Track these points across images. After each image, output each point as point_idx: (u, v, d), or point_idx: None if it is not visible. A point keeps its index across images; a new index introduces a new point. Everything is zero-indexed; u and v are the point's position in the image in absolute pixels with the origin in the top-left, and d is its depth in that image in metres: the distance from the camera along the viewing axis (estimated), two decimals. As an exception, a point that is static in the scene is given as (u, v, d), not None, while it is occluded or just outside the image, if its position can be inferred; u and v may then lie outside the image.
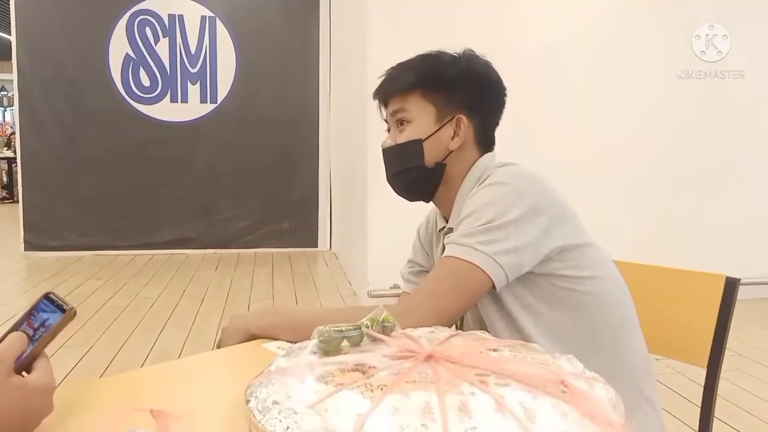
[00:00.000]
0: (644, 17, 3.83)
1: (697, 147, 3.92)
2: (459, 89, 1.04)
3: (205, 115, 5.46)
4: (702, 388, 1.07)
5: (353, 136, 4.13)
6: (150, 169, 5.39)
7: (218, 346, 1.00)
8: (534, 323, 0.96)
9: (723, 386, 1.06)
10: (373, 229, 3.58)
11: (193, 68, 5.40)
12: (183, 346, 2.95)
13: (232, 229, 5.57)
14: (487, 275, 0.90)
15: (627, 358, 0.99)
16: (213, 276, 4.58)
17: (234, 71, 5.45)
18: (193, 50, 5.39)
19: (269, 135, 5.53)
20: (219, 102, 5.47)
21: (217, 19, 5.39)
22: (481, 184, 1.00)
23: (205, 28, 5.38)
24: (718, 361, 1.03)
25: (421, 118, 1.05)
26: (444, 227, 1.09)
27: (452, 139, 1.05)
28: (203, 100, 5.45)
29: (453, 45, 1.10)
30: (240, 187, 5.56)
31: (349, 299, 3.95)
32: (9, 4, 5.11)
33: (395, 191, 1.11)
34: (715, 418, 1.07)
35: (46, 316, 0.62)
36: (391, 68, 1.09)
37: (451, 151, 1.05)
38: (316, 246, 5.75)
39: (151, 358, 2.79)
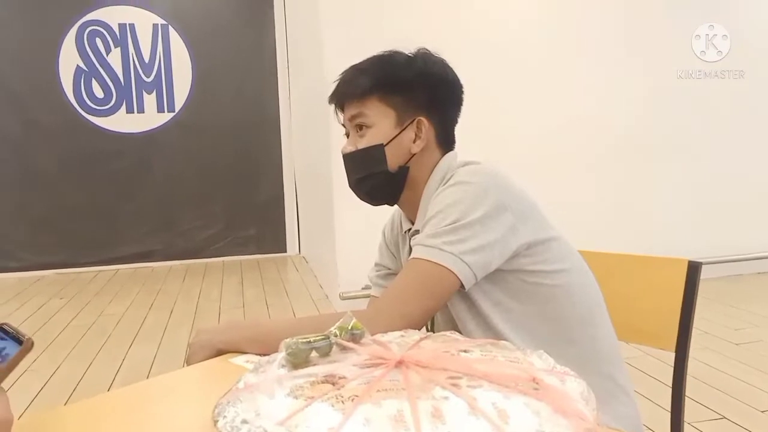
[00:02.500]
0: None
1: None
2: (417, 90, 1.03)
3: (163, 124, 5.35)
4: (671, 368, 1.08)
5: (315, 137, 4.10)
6: (109, 182, 5.26)
7: (186, 363, 0.97)
8: (505, 320, 0.96)
9: (691, 365, 1.08)
10: (341, 231, 3.56)
11: (147, 77, 5.29)
12: (153, 363, 2.88)
13: (198, 239, 5.48)
14: (455, 275, 0.90)
15: (599, 347, 1.00)
16: (181, 288, 4.49)
17: (190, 78, 5.36)
18: (146, 59, 5.27)
19: (230, 142, 5.45)
20: (177, 110, 5.36)
21: (170, 27, 5.28)
22: (445, 184, 0.99)
23: (157, 36, 5.27)
24: (686, 344, 1.05)
25: (380, 122, 1.03)
26: (410, 229, 1.09)
27: (414, 141, 1.04)
28: (160, 110, 5.34)
29: (411, 42, 1.08)
30: (203, 195, 5.47)
31: (321, 303, 3.92)
32: (-50, 20, 4.92)
33: (358, 197, 1.10)
34: (686, 398, 1.09)
35: (1, 349, 0.59)
36: (345, 71, 1.06)
37: (414, 154, 1.04)
38: (285, 251, 5.70)
39: (119, 377, 2.72)
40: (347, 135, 1.09)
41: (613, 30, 3.86)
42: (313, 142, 4.29)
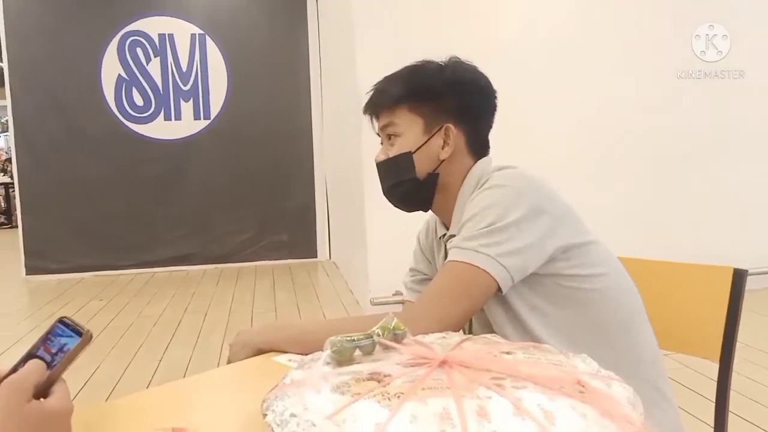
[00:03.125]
0: (644, 17, 3.84)
1: (698, 146, 3.92)
2: (445, 98, 1.04)
3: (199, 131, 5.47)
4: (711, 381, 1.06)
5: (348, 144, 4.14)
6: (147, 187, 5.39)
7: (227, 363, 0.99)
8: (543, 324, 0.96)
9: (734, 378, 1.06)
10: (372, 237, 3.58)
11: (185, 86, 5.41)
12: (188, 363, 2.93)
13: (232, 244, 5.57)
14: (492, 277, 0.90)
15: (638, 354, 0.99)
16: (215, 291, 4.57)
17: (226, 86, 5.47)
18: (184, 68, 5.40)
19: (263, 148, 5.54)
20: (212, 118, 5.48)
21: (207, 36, 5.40)
22: (480, 188, 1.00)
23: (195, 46, 5.39)
24: (730, 354, 1.03)
25: (409, 130, 1.05)
26: (445, 234, 1.09)
27: (442, 148, 1.05)
28: (197, 117, 5.46)
29: (448, 51, 1.09)
30: (237, 201, 5.56)
31: (352, 308, 3.94)
32: (0, 31, 5.13)
33: (392, 204, 1.12)
34: (729, 412, 1.06)
35: (63, 341, 0.62)
36: (378, 82, 1.09)
37: (443, 161, 1.05)
38: (316, 256, 5.74)
39: (157, 376, 2.78)
40: (382, 143, 1.11)
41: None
42: (345, 149, 4.33)
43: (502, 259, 0.90)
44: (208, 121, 5.48)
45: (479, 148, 1.08)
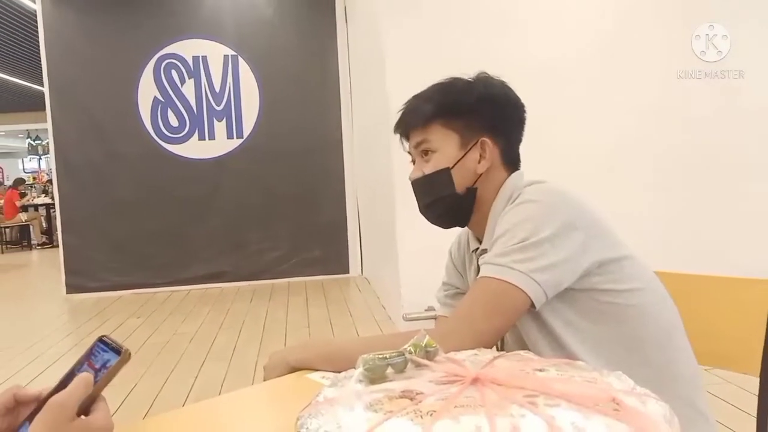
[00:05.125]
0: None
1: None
2: (479, 113, 1.05)
3: (233, 150, 5.58)
4: (753, 396, 1.03)
5: (378, 159, 4.16)
6: (182, 206, 5.52)
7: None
8: (578, 340, 0.95)
9: (777, 394, 1.03)
10: (403, 252, 3.58)
11: (218, 106, 5.54)
12: (224, 379, 2.97)
13: (265, 260, 5.63)
14: (525, 294, 0.90)
15: (675, 370, 0.97)
16: (248, 308, 4.63)
17: (258, 106, 5.58)
18: (217, 89, 5.53)
19: (295, 165, 5.61)
20: (245, 137, 5.58)
21: (239, 57, 5.53)
22: (512, 203, 1.00)
23: (228, 67, 5.53)
24: (772, 369, 1.00)
25: (445, 146, 1.05)
26: (477, 248, 1.09)
27: (479, 162, 1.05)
28: (230, 136, 5.58)
29: (474, 67, 1.10)
30: (269, 218, 5.64)
31: (384, 324, 3.94)
32: (41, 57, 5.35)
33: (429, 221, 1.11)
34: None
35: (103, 359, 0.64)
36: (408, 101, 1.09)
37: (480, 175, 1.05)
38: (348, 272, 5.77)
39: (194, 392, 2.82)
40: (413, 162, 1.11)
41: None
42: (376, 164, 4.36)
43: (535, 275, 0.90)
44: (241, 140, 5.58)
45: (512, 161, 1.09)
